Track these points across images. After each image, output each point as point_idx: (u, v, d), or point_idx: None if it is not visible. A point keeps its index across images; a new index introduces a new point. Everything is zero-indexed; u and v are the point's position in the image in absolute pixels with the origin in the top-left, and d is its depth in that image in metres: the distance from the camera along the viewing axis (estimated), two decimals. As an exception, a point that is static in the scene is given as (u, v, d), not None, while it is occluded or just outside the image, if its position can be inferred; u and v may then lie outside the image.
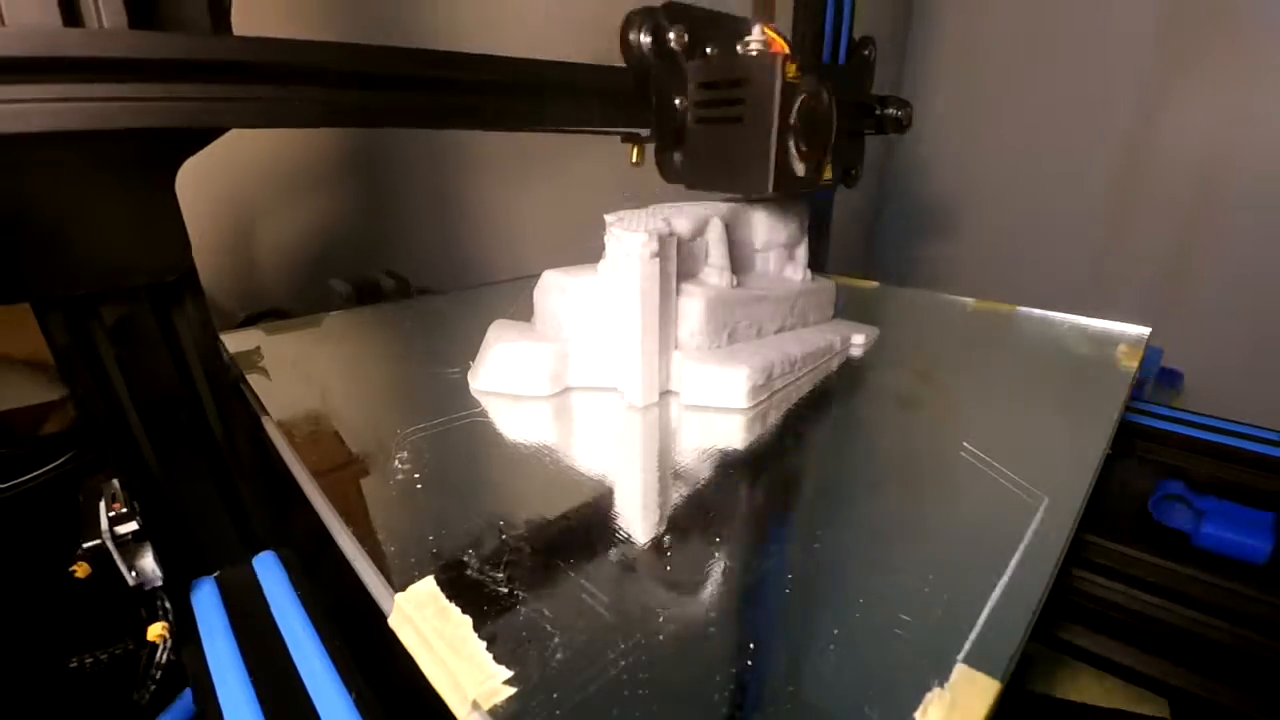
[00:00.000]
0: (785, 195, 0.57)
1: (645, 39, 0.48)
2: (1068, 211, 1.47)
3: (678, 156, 0.53)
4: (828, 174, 0.53)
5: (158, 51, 0.27)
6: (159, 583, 0.32)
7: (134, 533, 0.31)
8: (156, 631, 0.31)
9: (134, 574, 0.31)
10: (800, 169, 0.48)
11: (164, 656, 0.31)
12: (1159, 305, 1.39)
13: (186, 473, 0.35)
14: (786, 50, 0.47)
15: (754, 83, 0.46)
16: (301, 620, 0.32)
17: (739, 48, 0.49)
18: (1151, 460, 0.55)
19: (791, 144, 0.47)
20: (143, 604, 0.33)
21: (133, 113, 0.27)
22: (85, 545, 0.30)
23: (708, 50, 0.51)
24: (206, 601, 0.34)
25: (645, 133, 0.52)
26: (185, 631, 0.32)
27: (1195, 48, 1.26)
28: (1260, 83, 1.20)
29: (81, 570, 0.31)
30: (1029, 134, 1.49)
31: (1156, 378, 0.67)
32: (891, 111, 0.75)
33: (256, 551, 0.37)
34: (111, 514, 0.31)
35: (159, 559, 0.32)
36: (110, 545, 0.30)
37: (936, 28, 1.58)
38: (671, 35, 0.48)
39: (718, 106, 0.49)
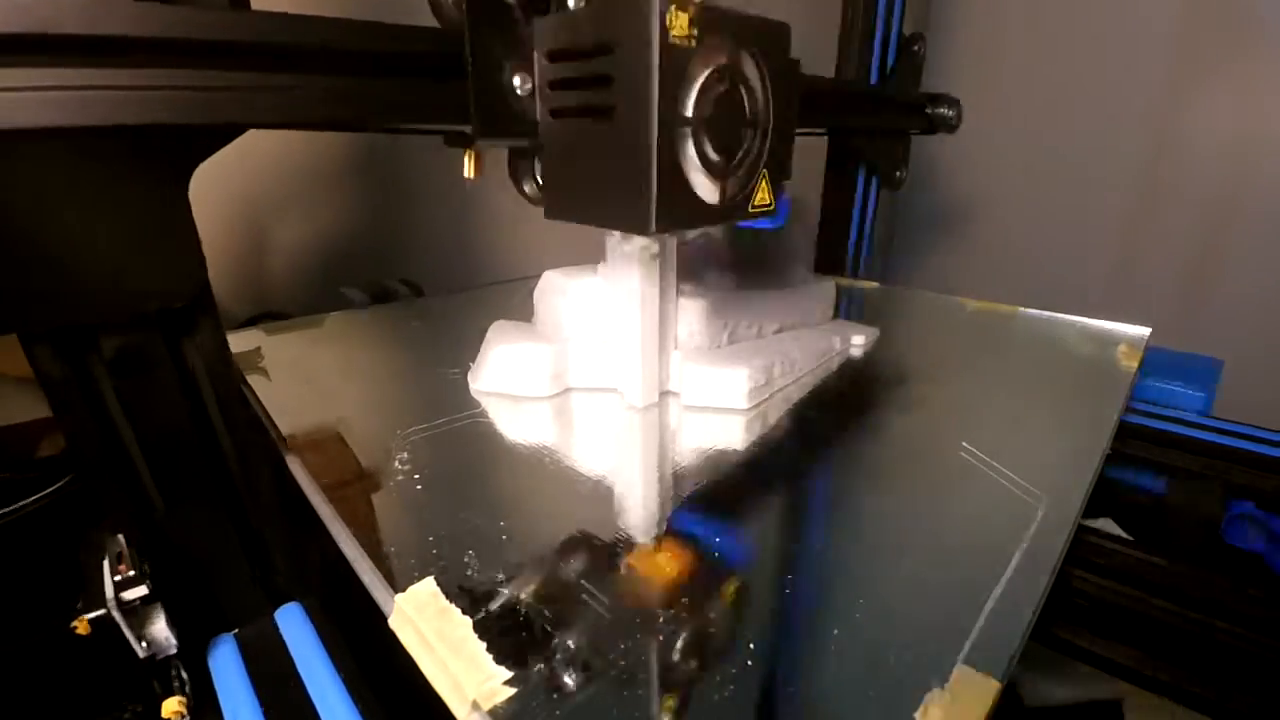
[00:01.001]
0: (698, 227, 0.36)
1: None
2: (1087, 214, 1.46)
3: (539, 168, 0.36)
4: (763, 196, 0.35)
5: (168, 29, 0.22)
6: (173, 651, 0.29)
7: (143, 597, 0.28)
8: (172, 708, 0.28)
9: (144, 644, 0.28)
10: (710, 192, 0.32)
11: None
12: (1182, 309, 1.38)
13: (200, 519, 0.31)
14: None
15: (623, 49, 0.28)
16: (331, 678, 0.30)
17: None
18: (1221, 479, 0.52)
19: (692, 150, 0.30)
20: (155, 674, 0.29)
21: (139, 105, 0.22)
22: (89, 616, 0.27)
23: (569, 3, 0.33)
24: (226, 663, 0.31)
25: (470, 130, 0.33)
26: (204, 696, 0.29)
27: (1217, 49, 1.25)
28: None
29: (83, 627, 0.27)
30: (1047, 135, 1.48)
31: (1185, 380, 0.65)
32: (943, 111, 0.72)
33: (279, 603, 0.35)
34: (117, 578, 0.27)
35: (171, 621, 0.29)
36: (117, 615, 0.27)
37: (954, 28, 1.57)
38: None
39: (577, 90, 0.31)
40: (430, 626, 0.25)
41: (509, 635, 0.25)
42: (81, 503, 0.44)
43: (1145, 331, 0.63)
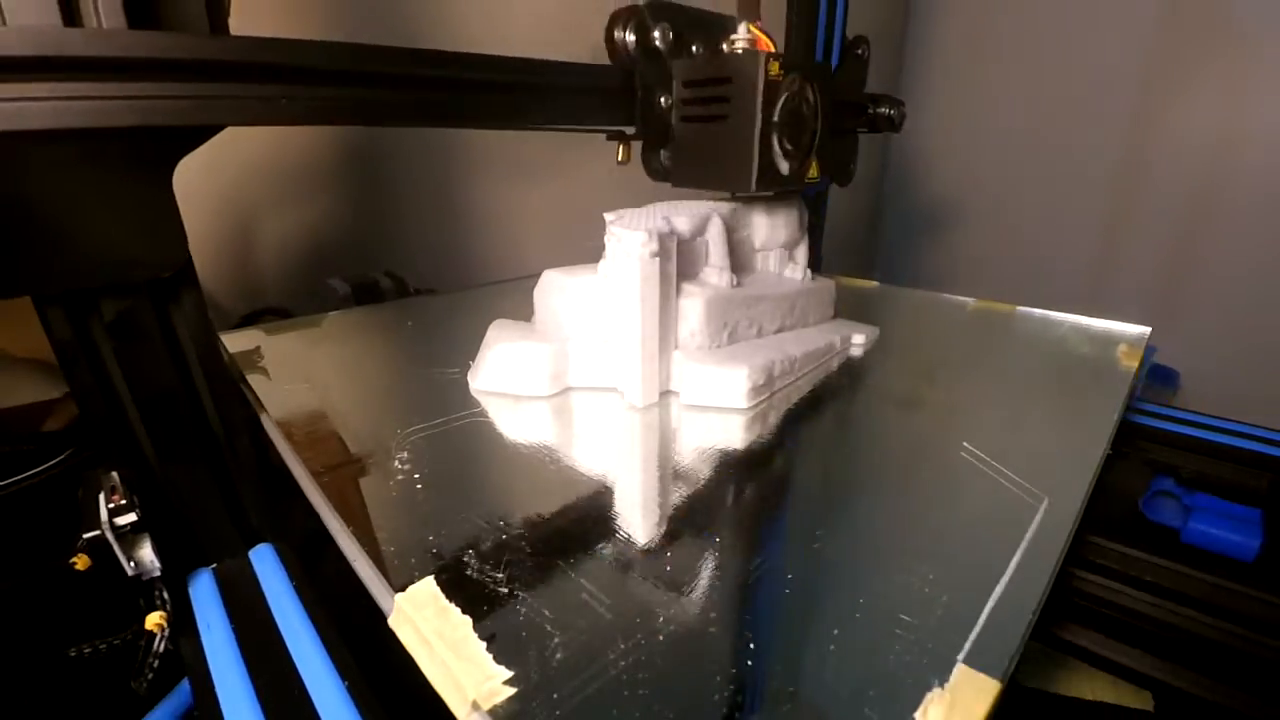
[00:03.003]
0: (778, 193, 0.57)
1: (630, 37, 0.48)
2: (1068, 211, 1.47)
3: (664, 154, 0.54)
4: (814, 171, 0.53)
5: (156, 51, 0.27)
6: (157, 573, 0.33)
7: (133, 524, 0.31)
8: (154, 620, 0.32)
9: (132, 564, 0.32)
10: (785, 167, 0.49)
11: (161, 646, 0.32)
12: (1157, 305, 1.39)
13: (185, 467, 0.36)
14: (771, 48, 0.48)
15: (738, 81, 0.46)
16: (297, 611, 0.32)
17: (724, 46, 0.49)
18: (1144, 458, 0.55)
19: (775, 141, 0.47)
20: (141, 594, 0.33)
21: (131, 111, 0.27)
22: (85, 536, 0.31)
23: (693, 48, 0.51)
24: (204, 593, 0.34)
25: (631, 131, 0.52)
26: (183, 623, 0.33)
27: (1195, 48, 1.26)
28: (1260, 83, 1.21)
29: (81, 563, 0.31)
30: (1029, 133, 1.49)
31: (1150, 376, 0.68)
32: (884, 110, 0.75)
33: (253, 545, 0.38)
34: (111, 505, 0.31)
35: (157, 550, 0.33)
36: (109, 535, 0.31)
37: (935, 26, 1.58)
38: (656, 33, 0.49)
39: (702, 105, 0.49)
40: (430, 626, 0.25)
41: (509, 635, 0.25)
42: (82, 474, 0.47)
43: (1145, 331, 0.63)
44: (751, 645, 0.25)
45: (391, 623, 0.26)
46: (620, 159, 0.54)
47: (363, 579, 0.29)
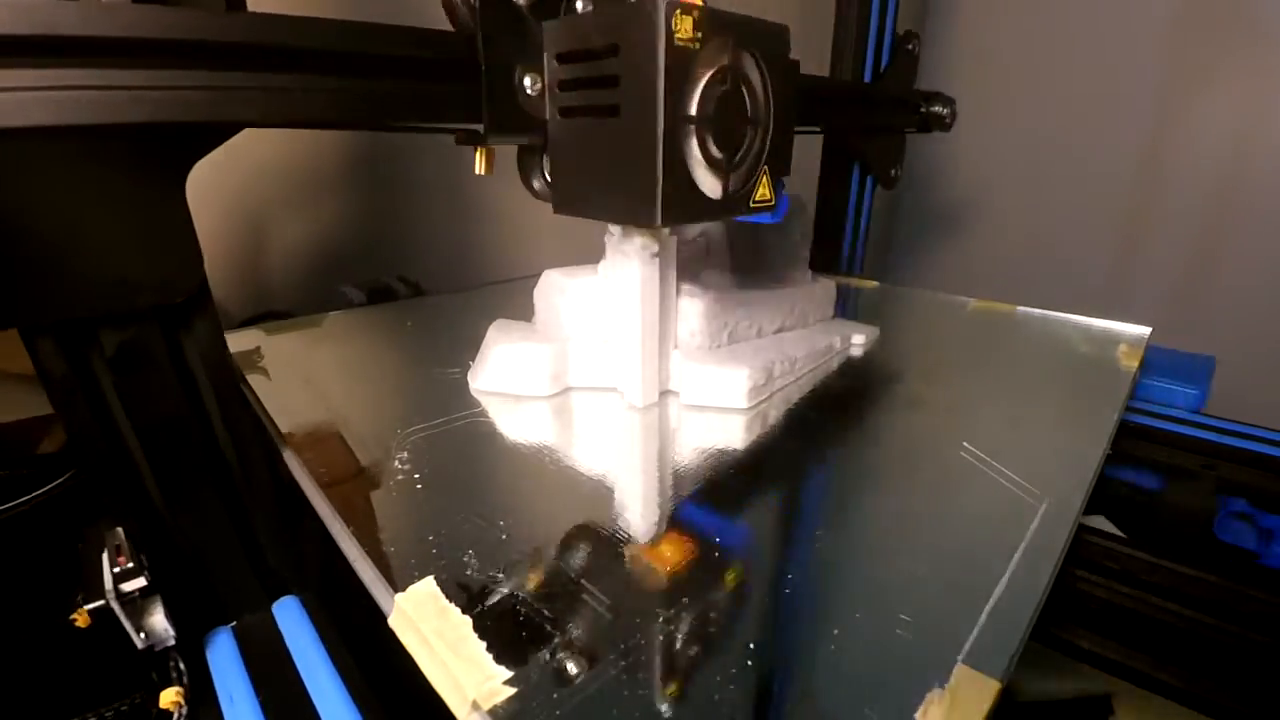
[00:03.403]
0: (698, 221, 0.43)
1: None
2: (1084, 213, 1.46)
3: (546, 164, 0.38)
4: (764, 192, 0.37)
5: (165, 31, 0.23)
6: (171, 643, 0.29)
7: (142, 589, 0.28)
8: (170, 699, 0.28)
9: (143, 635, 0.29)
10: (711, 186, 0.33)
11: None
12: (1176, 307, 1.38)
13: (198, 513, 0.32)
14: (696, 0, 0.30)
15: (628, 50, 0.30)
16: (328, 673, 0.30)
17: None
18: (1212, 477, 0.52)
19: (695, 147, 0.32)
20: (153, 665, 0.30)
21: (136, 104, 0.23)
22: (87, 607, 0.27)
23: (577, 6, 0.35)
24: (224, 657, 0.31)
25: (482, 129, 0.35)
26: (201, 689, 0.30)
27: (1214, 47, 1.25)
28: (1277, 82, 1.20)
29: (82, 619, 0.28)
30: (1044, 135, 1.48)
31: (1177, 376, 0.67)
32: (937, 109, 0.72)
33: (276, 596, 0.35)
34: (116, 570, 0.28)
35: (170, 613, 0.29)
36: (115, 606, 0.27)
37: (951, 27, 1.57)
38: None
39: (585, 89, 0.33)
40: (430, 626, 0.25)
41: (509, 635, 0.25)
42: (81, 499, 0.44)
43: (1145, 331, 0.63)
44: (751, 645, 0.25)
45: (391, 623, 0.26)
46: (477, 169, 0.37)
47: (363, 579, 0.29)
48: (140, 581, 0.28)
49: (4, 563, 0.40)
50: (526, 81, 0.34)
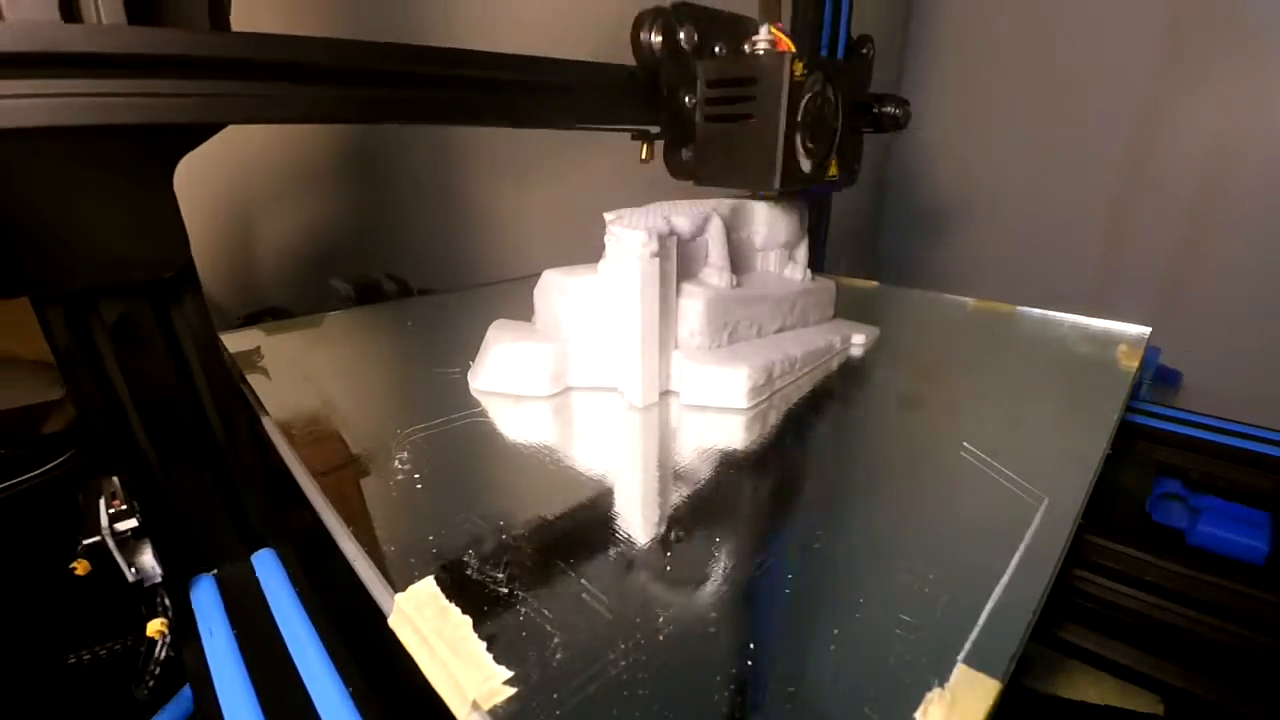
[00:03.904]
0: (786, 193, 0.58)
1: (656, 38, 0.50)
2: (1071, 211, 1.47)
3: (686, 153, 0.55)
4: (833, 170, 0.55)
5: (156, 47, 0.27)
6: (158, 579, 0.33)
7: (133, 530, 0.31)
8: (155, 627, 0.32)
9: (133, 570, 0.32)
10: (807, 166, 0.50)
11: (163, 652, 0.32)
12: (1161, 305, 1.38)
13: (186, 470, 0.35)
14: (792, 49, 0.48)
15: (763, 81, 0.47)
16: (300, 617, 0.32)
17: (746, 47, 0.50)
18: (1149, 459, 0.55)
19: (798, 141, 0.49)
20: (142, 600, 0.33)
21: (131, 108, 0.27)
22: (85, 542, 0.30)
23: (716, 49, 0.52)
24: (205, 598, 0.34)
25: (655, 130, 0.53)
26: (185, 628, 0.32)
27: (1200, 47, 1.25)
28: (1264, 83, 1.20)
29: (81, 568, 0.31)
30: (1031, 133, 1.48)
31: (1154, 376, 0.68)
32: (890, 109, 0.75)
33: (255, 549, 0.38)
34: (111, 511, 0.31)
35: (158, 556, 0.32)
36: (110, 542, 0.30)
37: (937, 26, 1.58)
38: (681, 34, 0.50)
39: (727, 104, 0.50)
40: (430, 626, 0.25)
41: (509, 634, 0.25)
42: (83, 476, 0.46)
43: (1145, 331, 0.63)
44: (751, 645, 0.25)
45: (391, 623, 0.26)
46: (644, 157, 0.55)
47: (363, 579, 0.29)
48: (132, 523, 0.31)
49: (10, 536, 0.43)
50: (687, 99, 0.52)
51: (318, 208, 0.82)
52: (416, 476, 0.36)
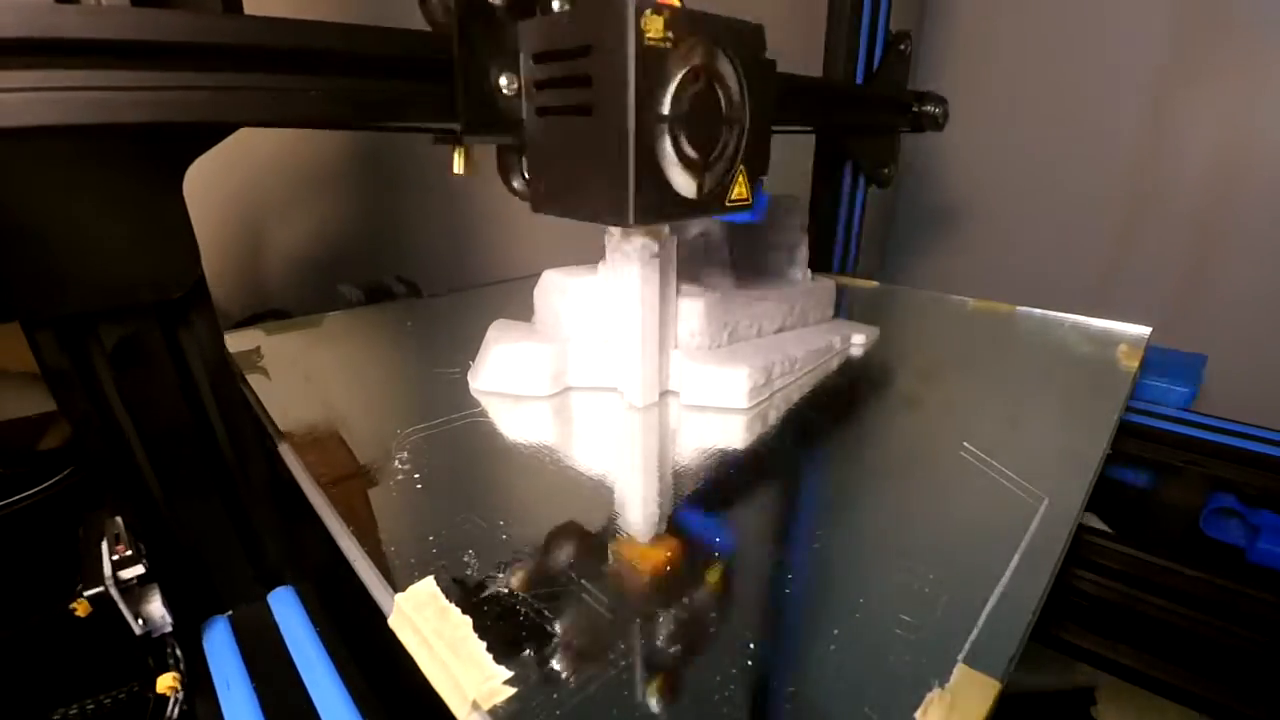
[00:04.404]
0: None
1: None
2: (1079, 214, 1.47)
3: (526, 164, 0.38)
4: (740, 190, 0.37)
5: (164, 33, 0.23)
6: (168, 629, 0.30)
7: (139, 576, 0.29)
8: (167, 683, 0.29)
9: (140, 621, 0.29)
10: (688, 185, 0.33)
11: (175, 711, 0.29)
12: (1170, 309, 1.38)
13: (196, 505, 0.33)
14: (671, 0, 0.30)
15: (600, 49, 0.30)
16: (322, 661, 0.30)
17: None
18: (1199, 472, 0.52)
19: (669, 145, 0.32)
20: (151, 651, 0.30)
21: (135, 105, 0.23)
22: (87, 593, 0.28)
23: (553, 6, 0.35)
24: (220, 645, 0.32)
25: (458, 128, 0.35)
26: (197, 679, 0.30)
27: (1207, 52, 1.25)
28: (1274, 85, 1.20)
29: (82, 609, 0.28)
30: (1039, 136, 1.48)
31: (1171, 375, 0.67)
32: (929, 109, 0.72)
33: (272, 587, 0.35)
34: (115, 558, 0.28)
35: (167, 601, 0.30)
36: (114, 593, 0.28)
37: (947, 29, 1.58)
38: None
39: (560, 89, 0.33)
40: (430, 626, 0.25)
41: (509, 634, 0.25)
42: (82, 494, 0.45)
43: (1145, 331, 0.63)
44: (751, 645, 0.25)
45: (391, 623, 0.26)
46: (456, 169, 0.37)
47: (363, 579, 0.29)
48: (138, 569, 0.28)
49: (5, 557, 0.41)
50: (503, 81, 0.34)
51: (326, 210, 0.82)
52: (416, 477, 0.36)
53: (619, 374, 0.46)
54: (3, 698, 0.32)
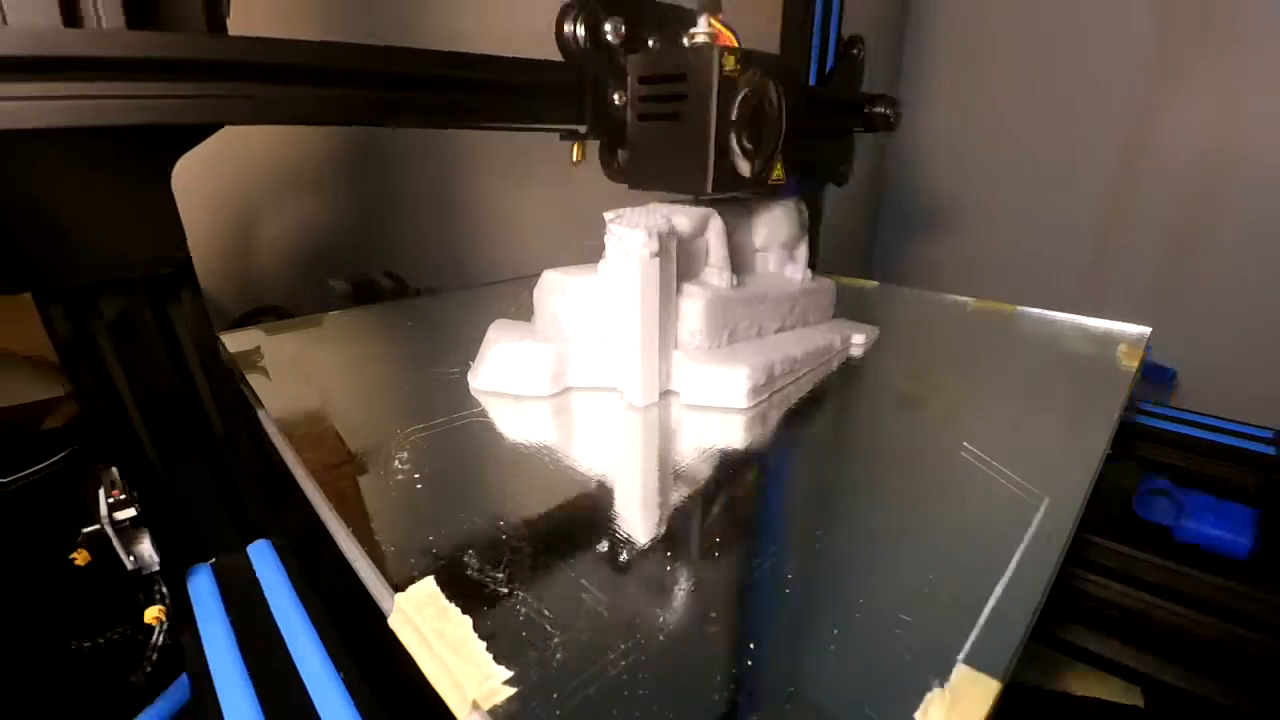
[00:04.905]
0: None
1: (580, 31, 0.46)
2: (1065, 211, 1.47)
3: (621, 155, 0.51)
4: (778, 173, 0.51)
5: (155, 51, 0.28)
6: (156, 568, 0.33)
7: (132, 519, 0.32)
8: (153, 614, 0.32)
9: (132, 558, 0.32)
10: (745, 168, 0.47)
11: (160, 639, 0.32)
12: (1154, 303, 1.39)
13: (184, 463, 0.36)
14: (733, 43, 0.46)
15: (692, 77, 0.44)
16: (294, 606, 0.32)
17: (682, 40, 0.48)
18: (1137, 456, 0.55)
19: (734, 141, 0.46)
20: (140, 588, 0.33)
21: (129, 110, 0.28)
22: (85, 530, 0.31)
23: (649, 43, 0.49)
24: (203, 588, 0.34)
25: (584, 129, 0.49)
26: (182, 617, 0.33)
27: (1193, 49, 1.26)
28: (1257, 84, 1.21)
29: (81, 558, 0.32)
30: (1026, 134, 1.49)
31: (1145, 374, 0.69)
32: (880, 110, 0.74)
33: (251, 540, 0.38)
34: (110, 500, 0.32)
35: (156, 545, 0.33)
36: (109, 530, 0.31)
37: (933, 27, 1.58)
38: (608, 27, 0.46)
39: (657, 102, 0.47)
40: (430, 626, 0.25)
41: (509, 634, 0.25)
42: (82, 471, 0.48)
43: (1145, 331, 0.63)
44: (751, 645, 0.25)
45: (391, 623, 0.26)
46: (574, 159, 0.51)
47: (363, 579, 0.29)
48: (131, 512, 0.32)
49: (12, 530, 0.44)
50: (615, 97, 0.48)
51: (316, 207, 0.82)
52: (416, 476, 0.36)
53: (619, 374, 0.46)
54: (20, 635, 0.38)
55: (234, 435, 0.38)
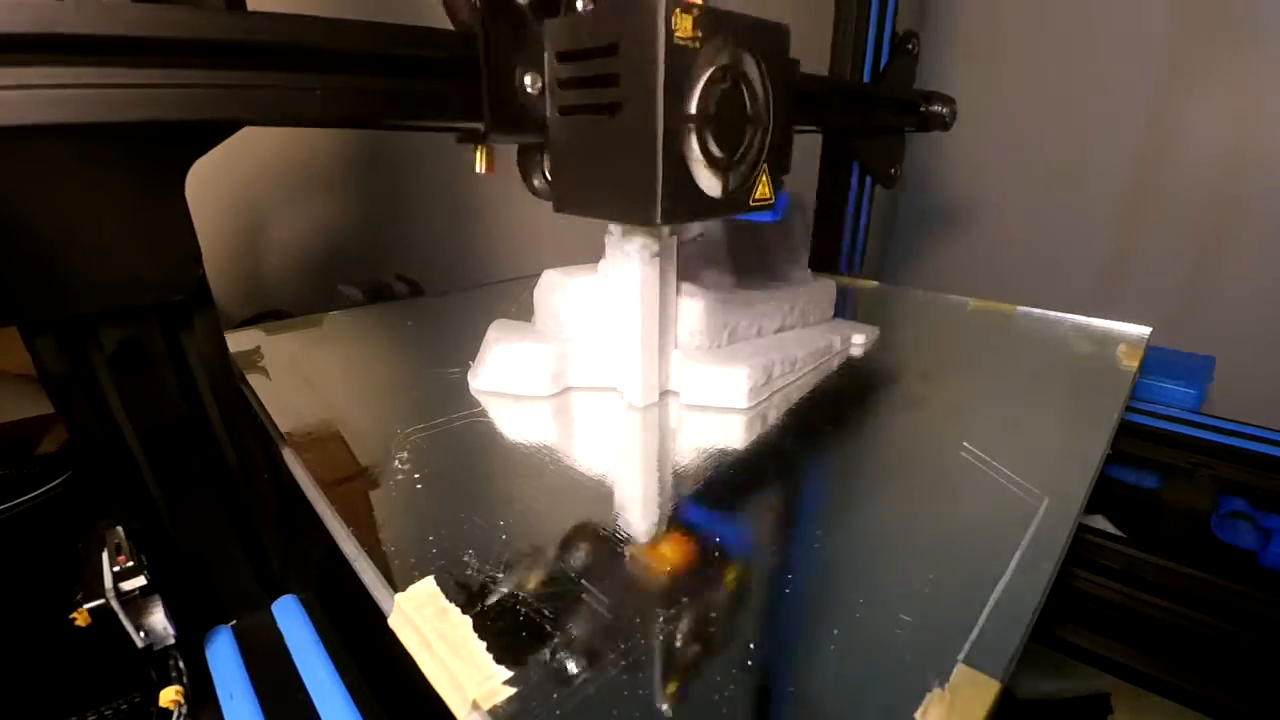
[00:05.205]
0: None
1: None
2: (1082, 212, 1.47)
3: (545, 162, 0.37)
4: (764, 189, 0.36)
5: (165, 29, 0.23)
6: (171, 641, 0.30)
7: (141, 588, 0.28)
8: (169, 697, 0.28)
9: (142, 634, 0.29)
10: (713, 185, 0.33)
11: None
12: (1173, 308, 1.38)
13: (198, 512, 0.32)
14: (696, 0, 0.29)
15: (628, 48, 0.29)
16: (327, 671, 0.30)
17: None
18: (1211, 476, 0.52)
19: (695, 145, 0.31)
20: (153, 663, 0.30)
21: (135, 103, 0.23)
22: (88, 606, 0.27)
23: (577, 4, 0.34)
24: (223, 655, 0.32)
25: (483, 128, 0.34)
26: (201, 690, 0.30)
27: (1209, 48, 1.25)
28: (1276, 84, 1.20)
29: (81, 618, 0.28)
30: (1043, 135, 1.48)
31: (1176, 373, 0.67)
32: (936, 108, 0.72)
33: (276, 595, 0.35)
34: (116, 569, 0.28)
35: (170, 612, 0.29)
36: (115, 605, 0.27)
37: (950, 28, 1.58)
38: None
39: (584, 88, 0.33)
40: (430, 626, 0.25)
41: (509, 634, 0.25)
42: (80, 499, 0.44)
43: (1145, 331, 0.63)
44: (752, 645, 0.25)
45: (391, 623, 0.26)
46: (479, 169, 0.37)
47: (363, 579, 0.29)
48: (140, 580, 0.28)
49: (3, 563, 0.40)
50: (527, 80, 0.34)
51: (325, 210, 0.82)
52: (416, 477, 0.36)
53: (619, 374, 0.46)
54: (4, 707, 0.31)
55: (253, 477, 0.33)
